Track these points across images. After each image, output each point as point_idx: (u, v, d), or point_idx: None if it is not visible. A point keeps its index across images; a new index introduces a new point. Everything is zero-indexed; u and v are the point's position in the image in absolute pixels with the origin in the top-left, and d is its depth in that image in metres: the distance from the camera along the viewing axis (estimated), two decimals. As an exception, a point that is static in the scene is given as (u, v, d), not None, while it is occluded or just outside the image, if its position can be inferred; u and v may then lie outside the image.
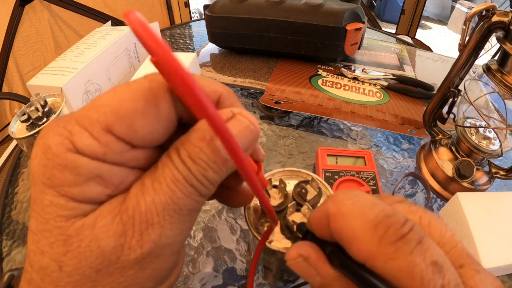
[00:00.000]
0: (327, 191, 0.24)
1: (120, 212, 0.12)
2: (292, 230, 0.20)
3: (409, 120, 0.50)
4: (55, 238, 0.12)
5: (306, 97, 0.54)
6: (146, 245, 0.12)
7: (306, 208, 0.20)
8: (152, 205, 0.12)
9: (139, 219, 0.12)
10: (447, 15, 2.88)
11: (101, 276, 0.12)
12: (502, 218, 0.33)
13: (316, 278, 0.15)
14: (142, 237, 0.12)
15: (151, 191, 0.12)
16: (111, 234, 0.12)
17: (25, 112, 0.29)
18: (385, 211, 0.13)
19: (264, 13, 0.59)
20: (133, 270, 0.13)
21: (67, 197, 0.12)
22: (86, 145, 0.12)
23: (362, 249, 0.12)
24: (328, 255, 0.15)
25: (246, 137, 0.14)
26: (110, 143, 0.12)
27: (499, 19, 0.32)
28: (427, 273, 0.11)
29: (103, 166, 0.12)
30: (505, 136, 0.39)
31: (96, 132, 0.12)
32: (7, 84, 1.02)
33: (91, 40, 0.51)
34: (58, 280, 0.12)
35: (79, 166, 0.12)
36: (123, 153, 0.13)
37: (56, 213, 0.12)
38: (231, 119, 0.13)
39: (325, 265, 0.14)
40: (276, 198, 0.22)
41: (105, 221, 0.12)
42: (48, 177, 0.12)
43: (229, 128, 0.12)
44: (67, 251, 0.12)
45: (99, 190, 0.12)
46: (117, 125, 0.12)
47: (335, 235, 0.14)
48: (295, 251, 0.15)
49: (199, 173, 0.13)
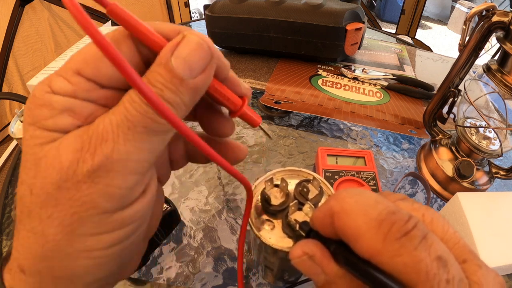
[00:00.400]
0: (328, 190, 0.24)
1: (82, 134, 0.14)
2: (294, 229, 0.20)
3: (409, 120, 0.50)
4: (30, 164, 0.14)
5: (306, 97, 0.54)
6: (97, 158, 0.13)
7: (308, 207, 0.20)
8: (109, 125, 0.13)
9: (96, 137, 0.13)
10: (447, 15, 2.88)
11: (61, 193, 0.13)
12: (502, 218, 0.33)
13: (321, 276, 0.15)
14: (95, 151, 0.13)
15: (110, 114, 0.14)
16: (70, 151, 0.13)
17: (25, 112, 0.29)
18: (388, 209, 0.13)
19: (264, 13, 0.59)
20: (86, 184, 0.13)
21: (43, 128, 0.14)
22: (59, 86, 0.14)
23: (367, 246, 0.13)
24: (332, 253, 0.15)
25: (198, 53, 0.14)
26: (79, 83, 0.14)
27: (499, 19, 0.32)
28: (432, 267, 0.11)
29: (74, 102, 0.14)
30: (505, 136, 0.39)
31: (68, 75, 0.14)
32: (7, 84, 1.02)
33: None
34: (30, 204, 0.14)
35: (53, 102, 0.14)
36: (92, 91, 0.14)
37: (33, 142, 0.14)
38: (182, 41, 0.14)
39: (330, 262, 0.15)
40: (278, 197, 0.22)
41: (67, 142, 0.14)
42: (31, 116, 0.14)
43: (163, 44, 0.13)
44: (36, 173, 0.14)
45: (70, 120, 0.14)
46: (85, 68, 0.14)
47: (339, 233, 0.14)
48: (300, 249, 0.15)
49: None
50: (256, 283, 0.32)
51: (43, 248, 0.14)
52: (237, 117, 0.18)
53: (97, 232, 0.14)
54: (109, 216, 0.14)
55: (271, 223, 0.22)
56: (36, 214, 0.14)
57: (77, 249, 0.14)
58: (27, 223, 0.14)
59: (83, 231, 0.14)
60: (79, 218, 0.14)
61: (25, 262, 0.15)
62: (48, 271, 0.14)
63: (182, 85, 0.14)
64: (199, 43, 0.14)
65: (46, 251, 0.14)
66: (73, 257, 0.14)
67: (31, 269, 0.14)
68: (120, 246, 0.15)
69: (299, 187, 0.22)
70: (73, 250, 0.14)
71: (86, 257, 0.14)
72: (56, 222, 0.14)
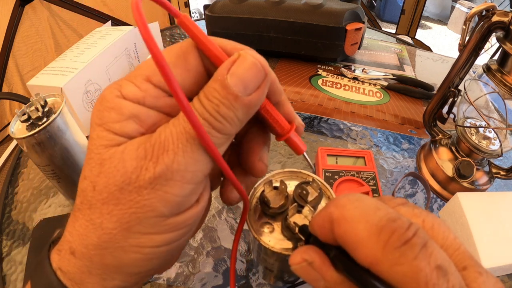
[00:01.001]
0: (328, 192, 0.24)
1: (145, 142, 0.15)
2: (293, 232, 0.20)
3: (409, 120, 0.50)
4: (95, 163, 0.15)
5: (306, 97, 0.54)
6: (159, 166, 0.14)
7: (307, 210, 0.20)
8: (170, 135, 0.15)
9: (158, 146, 0.14)
10: (447, 15, 2.88)
11: (123, 194, 0.15)
12: (502, 218, 0.33)
13: (320, 283, 0.15)
14: (158, 160, 0.14)
15: (171, 125, 0.15)
16: (134, 157, 0.14)
17: (25, 112, 0.29)
18: (388, 215, 0.13)
19: (264, 13, 0.59)
20: (147, 190, 0.14)
21: (109, 131, 0.15)
22: (129, 91, 0.15)
23: (367, 255, 0.12)
24: (332, 259, 0.15)
25: (252, 71, 0.15)
26: (148, 89, 0.15)
27: (499, 19, 0.32)
28: (432, 277, 0.11)
29: (142, 109, 0.15)
30: (505, 136, 0.39)
31: (138, 81, 0.15)
32: (7, 84, 1.02)
33: (91, 40, 0.51)
34: (91, 198, 0.15)
35: (122, 107, 0.15)
36: (159, 98, 0.16)
37: (99, 143, 0.15)
38: (238, 59, 0.15)
39: (329, 269, 0.14)
40: (277, 199, 0.22)
41: (131, 148, 0.15)
42: (99, 117, 0.15)
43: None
44: (100, 172, 0.15)
45: (135, 127, 0.15)
46: (155, 76, 0.15)
47: (339, 239, 0.14)
48: (299, 256, 0.15)
49: (211, 108, 0.15)
50: (256, 283, 0.32)
51: (99, 239, 0.15)
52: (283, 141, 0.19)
53: (151, 232, 0.15)
54: (164, 220, 0.15)
55: (270, 226, 0.22)
56: (96, 208, 0.15)
57: (130, 244, 0.15)
58: (87, 214, 0.15)
59: (139, 229, 0.15)
60: (137, 218, 0.15)
61: (78, 246, 0.16)
62: (99, 258, 0.16)
63: (236, 101, 0.15)
64: (253, 62, 0.15)
65: (101, 242, 0.15)
66: (125, 250, 0.15)
67: (83, 253, 0.16)
68: (169, 246, 0.16)
69: (298, 189, 0.22)
70: (127, 244, 0.15)
71: (137, 252, 0.16)
72: (114, 218, 0.15)
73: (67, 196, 0.37)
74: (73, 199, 0.37)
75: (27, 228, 0.37)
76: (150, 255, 0.16)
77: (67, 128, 0.31)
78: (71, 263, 0.16)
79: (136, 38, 0.58)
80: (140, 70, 0.16)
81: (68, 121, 0.32)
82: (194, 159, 0.15)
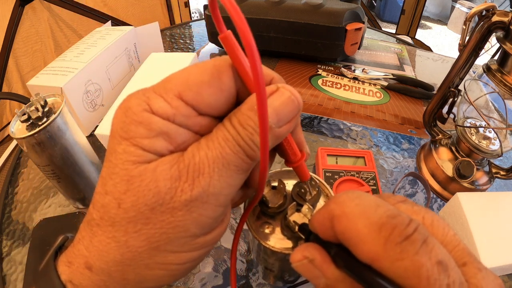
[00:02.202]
0: (326, 190, 0.24)
1: (178, 162, 0.14)
2: (293, 231, 0.20)
3: (409, 120, 0.50)
4: (120, 179, 0.14)
5: (306, 97, 0.54)
6: (195, 189, 0.14)
7: (306, 208, 0.20)
8: (205, 158, 0.14)
9: (193, 168, 0.14)
10: (447, 15, 2.88)
11: (154, 214, 0.14)
12: (502, 218, 0.33)
13: (321, 280, 0.15)
14: (194, 182, 0.14)
15: (205, 147, 0.15)
16: (168, 177, 0.14)
17: (25, 112, 0.29)
18: (389, 212, 0.13)
19: (264, 13, 0.59)
20: (182, 211, 0.14)
21: (137, 146, 0.14)
22: (160, 107, 0.14)
23: (368, 251, 0.13)
24: (333, 257, 0.15)
25: (288, 106, 0.15)
26: (179, 107, 0.15)
27: (499, 19, 0.32)
28: (433, 272, 0.11)
29: (171, 126, 0.15)
30: (505, 136, 0.39)
31: (169, 97, 0.15)
32: (7, 84, 1.02)
33: (91, 40, 0.51)
34: (115, 216, 0.14)
35: (152, 123, 0.14)
36: (189, 117, 0.15)
37: (125, 158, 0.14)
38: (275, 92, 0.15)
39: (330, 266, 0.15)
40: (276, 199, 0.22)
41: (164, 167, 0.14)
42: (125, 130, 0.14)
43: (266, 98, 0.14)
44: (127, 190, 0.14)
45: (164, 145, 0.15)
46: (187, 92, 0.15)
47: (339, 236, 0.14)
48: (300, 254, 0.15)
49: (246, 136, 0.15)
50: (256, 283, 0.32)
51: (122, 256, 0.15)
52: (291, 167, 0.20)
53: (180, 250, 0.16)
54: (194, 239, 0.16)
55: (269, 225, 0.22)
56: (121, 226, 0.15)
57: (157, 261, 0.15)
58: (109, 231, 0.15)
59: (168, 248, 0.15)
60: (167, 238, 0.15)
61: (96, 262, 0.15)
62: (119, 274, 0.15)
63: (269, 131, 0.15)
64: (290, 98, 0.15)
65: (124, 259, 0.15)
66: (150, 267, 0.15)
67: (102, 269, 0.15)
68: (194, 263, 0.17)
69: (296, 188, 0.22)
70: (152, 262, 0.15)
71: (162, 269, 0.16)
72: (143, 237, 0.15)
73: (67, 196, 0.37)
74: (73, 199, 0.37)
75: (27, 228, 0.37)
76: (175, 271, 0.16)
77: (67, 128, 0.31)
78: (86, 277, 0.16)
79: (136, 38, 0.58)
80: (171, 84, 0.15)
81: (68, 121, 0.32)
82: (229, 184, 0.15)
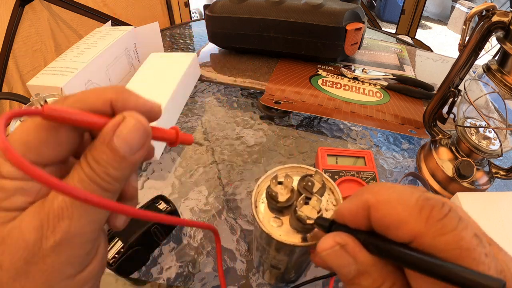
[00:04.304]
0: (329, 184, 0.24)
1: (39, 212, 0.15)
2: (304, 223, 0.20)
3: (409, 120, 0.50)
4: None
5: (306, 97, 0.54)
6: (58, 235, 0.15)
7: (315, 200, 0.20)
8: (63, 203, 0.15)
9: (53, 215, 0.15)
10: (447, 15, 2.88)
11: (30, 266, 0.15)
12: (502, 218, 0.33)
13: (352, 267, 0.15)
14: (55, 228, 0.15)
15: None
16: (32, 229, 0.15)
17: (25, 112, 0.29)
18: (424, 196, 0.14)
19: (264, 13, 0.59)
20: (51, 258, 0.15)
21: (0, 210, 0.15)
22: (7, 171, 0.15)
23: (411, 230, 0.14)
24: (363, 242, 0.15)
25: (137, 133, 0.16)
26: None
27: (499, 19, 0.32)
28: (472, 244, 0.13)
29: (23, 183, 0.15)
30: (505, 136, 0.39)
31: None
32: (7, 84, 1.02)
33: (91, 40, 0.51)
34: (1, 278, 0.15)
35: (4, 186, 0.15)
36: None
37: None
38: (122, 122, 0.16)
39: (361, 251, 0.15)
40: (283, 193, 0.22)
41: (27, 220, 0.15)
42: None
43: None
44: (3, 251, 0.15)
45: (23, 199, 0.15)
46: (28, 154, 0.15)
47: (376, 223, 0.15)
48: (332, 240, 0.16)
49: (101, 172, 0.15)
50: (256, 283, 0.32)
51: None
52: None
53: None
54: (73, 279, 0.16)
55: (278, 220, 0.22)
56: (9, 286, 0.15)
57: None
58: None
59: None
60: (49, 285, 0.15)
61: None
62: None
63: (123, 161, 0.15)
64: (136, 126, 0.16)
65: None
66: None
67: None
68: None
69: (303, 181, 0.23)
70: None
71: None
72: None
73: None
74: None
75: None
76: None
77: (67, 128, 0.31)
78: None
79: (136, 38, 0.58)
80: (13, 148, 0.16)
81: (68, 121, 0.32)
82: (91, 220, 0.16)
